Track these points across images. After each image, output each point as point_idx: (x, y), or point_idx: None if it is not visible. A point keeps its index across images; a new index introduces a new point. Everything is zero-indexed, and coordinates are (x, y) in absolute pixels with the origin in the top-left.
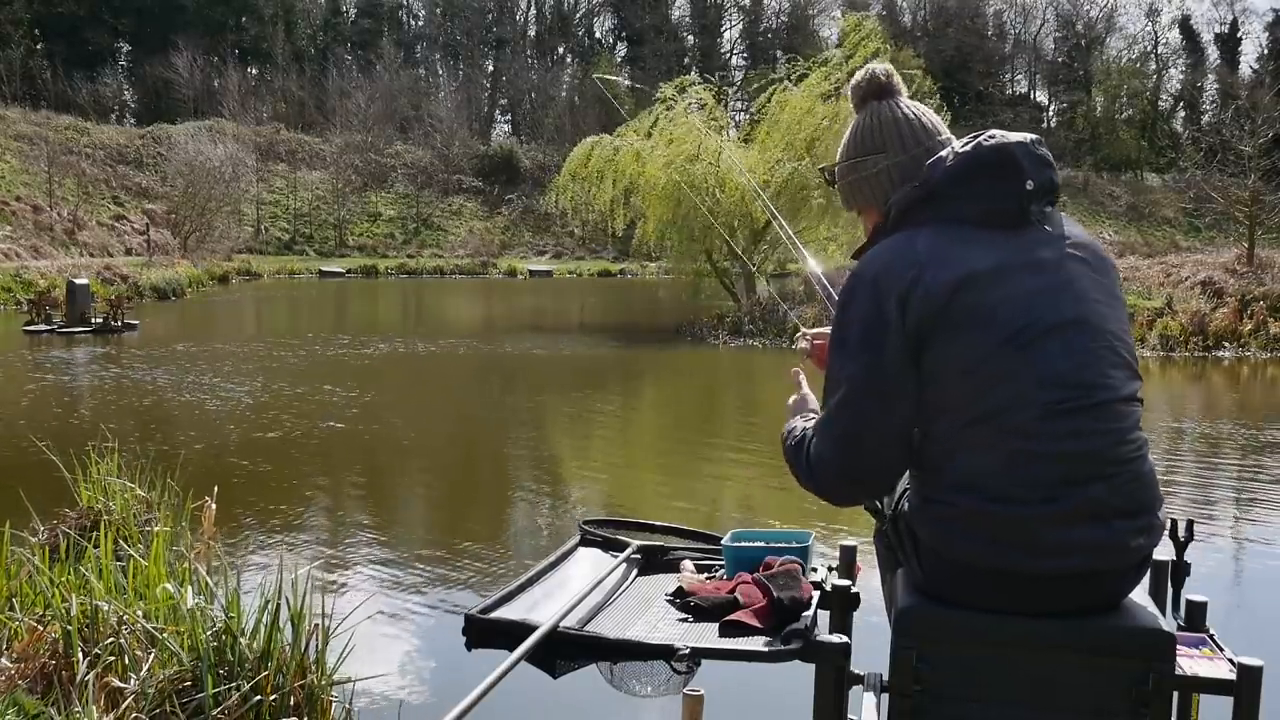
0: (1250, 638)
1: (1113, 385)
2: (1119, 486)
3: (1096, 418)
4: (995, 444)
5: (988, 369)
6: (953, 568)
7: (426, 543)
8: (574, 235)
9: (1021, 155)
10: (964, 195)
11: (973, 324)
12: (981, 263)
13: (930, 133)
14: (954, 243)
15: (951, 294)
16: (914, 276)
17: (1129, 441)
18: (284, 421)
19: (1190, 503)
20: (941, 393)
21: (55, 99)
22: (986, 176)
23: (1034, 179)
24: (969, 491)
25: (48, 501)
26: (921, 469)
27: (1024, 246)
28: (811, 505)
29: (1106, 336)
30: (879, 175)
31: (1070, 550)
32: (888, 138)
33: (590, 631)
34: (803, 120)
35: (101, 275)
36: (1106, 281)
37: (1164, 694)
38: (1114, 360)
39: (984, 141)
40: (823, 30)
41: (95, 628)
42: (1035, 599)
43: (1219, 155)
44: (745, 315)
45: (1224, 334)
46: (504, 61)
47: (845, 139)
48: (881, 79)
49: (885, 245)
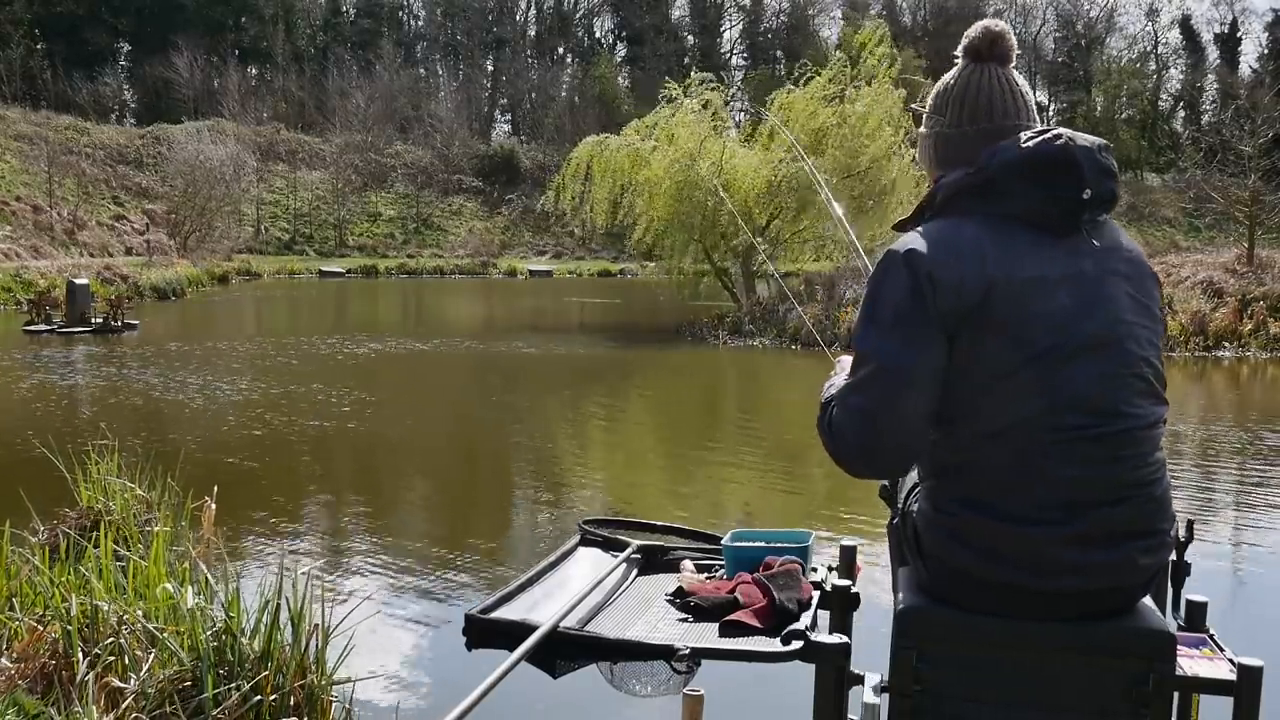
0: (1250, 638)
1: (1137, 414)
2: (1132, 510)
3: (1115, 445)
4: (1008, 461)
5: (1010, 384)
6: (955, 575)
7: (426, 542)
8: (574, 235)
9: (1085, 161)
10: (1018, 193)
11: (1001, 332)
12: (1022, 269)
13: (1001, 114)
14: (998, 242)
15: (985, 295)
16: (952, 267)
17: (1147, 466)
18: (284, 421)
19: (1191, 503)
20: (959, 398)
21: (55, 99)
22: (1045, 177)
23: (1093, 188)
24: (977, 507)
25: (48, 501)
26: (933, 475)
27: (1068, 257)
28: (812, 505)
29: (1137, 362)
30: (930, 139)
31: (1077, 570)
32: (950, 103)
33: (590, 631)
34: (806, 121)
35: (101, 275)
36: (1145, 299)
37: (1164, 694)
38: (1141, 387)
39: (1050, 140)
40: (823, 30)
41: (95, 628)
42: (1039, 609)
43: (1219, 155)
44: (745, 315)
45: (1224, 334)
46: (504, 61)
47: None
48: (983, 40)
49: (929, 229)
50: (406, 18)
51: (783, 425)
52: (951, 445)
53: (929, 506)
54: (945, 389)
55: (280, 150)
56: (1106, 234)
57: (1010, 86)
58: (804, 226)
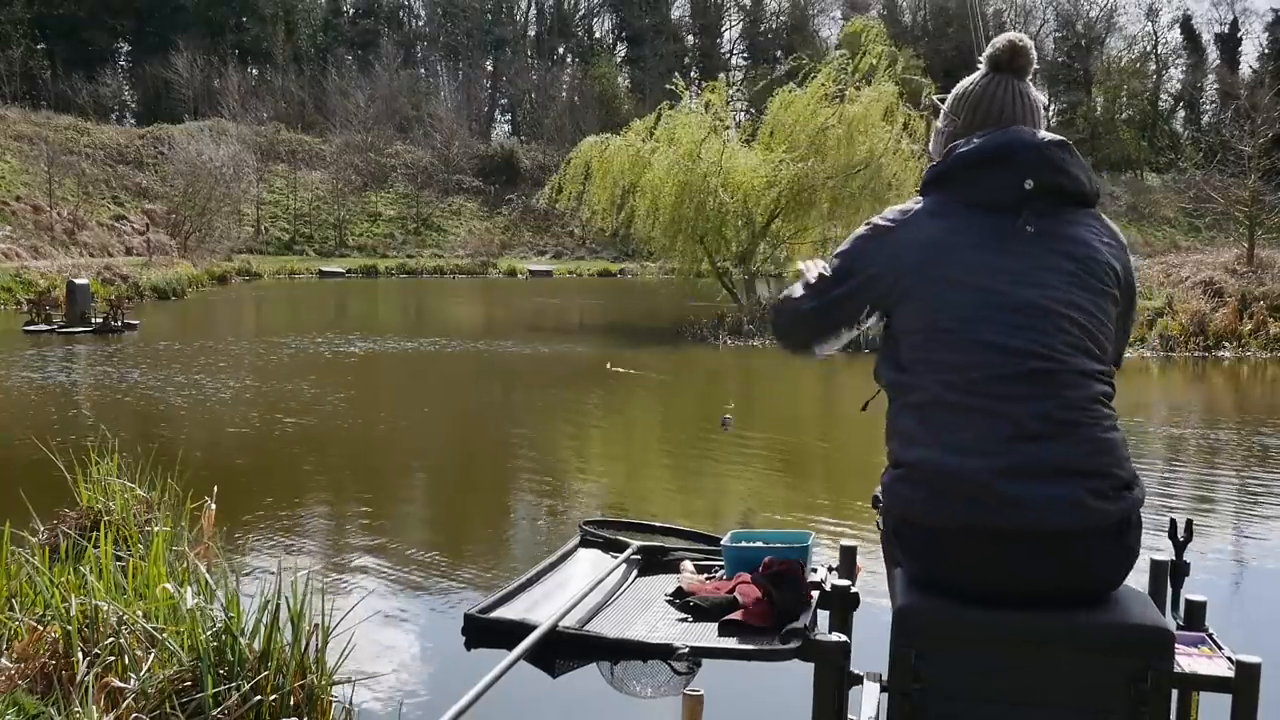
0: (1249, 636)
1: (1060, 358)
2: (1070, 447)
3: (1044, 384)
4: (949, 405)
5: (940, 336)
6: (925, 536)
7: (427, 542)
8: (574, 235)
9: (1024, 154)
10: (967, 181)
11: (932, 291)
12: (958, 238)
13: (1009, 123)
14: (943, 215)
15: (921, 255)
16: (897, 228)
17: (1081, 408)
18: (283, 421)
19: (1190, 502)
20: (901, 355)
21: (55, 99)
22: (986, 169)
23: (1035, 178)
24: (926, 448)
25: (48, 501)
26: (891, 438)
27: (1006, 235)
28: (812, 506)
29: (1063, 320)
30: (942, 135)
31: (1017, 504)
32: (965, 107)
33: (590, 631)
34: (807, 122)
35: (101, 275)
36: (1090, 278)
37: (1163, 691)
38: (1068, 339)
39: (997, 136)
40: (822, 30)
41: (95, 628)
42: (1011, 564)
43: (1219, 155)
44: (745, 315)
45: (1224, 334)
46: (504, 61)
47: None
48: (1004, 52)
49: (903, 206)
50: (406, 18)
51: (783, 425)
52: (902, 401)
53: (890, 470)
54: (893, 351)
55: (280, 150)
56: (1058, 225)
57: (1022, 100)
58: (803, 227)
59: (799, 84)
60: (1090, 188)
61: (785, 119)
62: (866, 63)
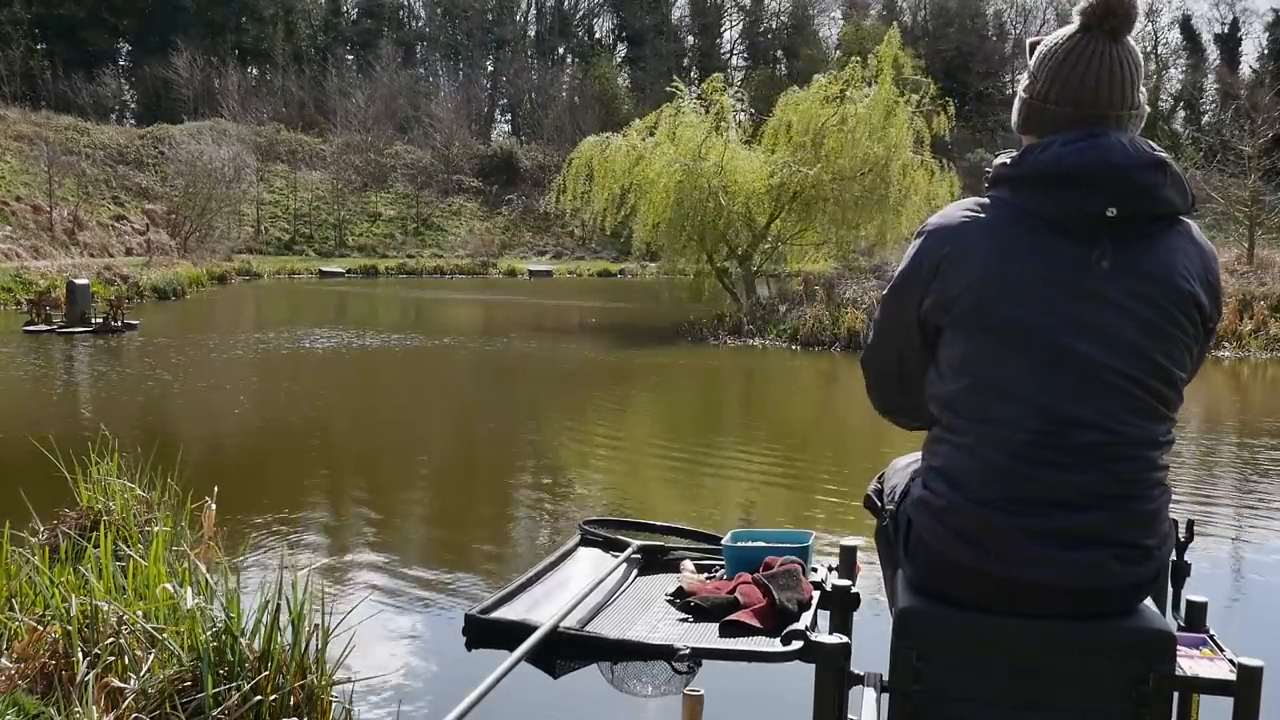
0: (1250, 638)
1: (1118, 428)
2: (1108, 518)
3: (1095, 457)
4: (986, 452)
5: (995, 380)
6: (940, 562)
7: (427, 542)
8: (574, 235)
9: (1109, 176)
10: (1039, 196)
11: (986, 328)
12: (1022, 267)
13: (1090, 102)
14: (1007, 234)
15: (979, 279)
16: (963, 244)
17: (1131, 482)
18: (283, 420)
19: (1191, 503)
20: (948, 385)
21: (55, 99)
22: (1063, 188)
23: (1119, 207)
24: (957, 489)
25: (48, 501)
26: (927, 455)
27: (1079, 269)
28: (812, 505)
29: (1127, 381)
30: (1021, 100)
31: (1036, 563)
32: (1045, 72)
33: (590, 631)
34: (810, 121)
35: (101, 275)
36: (1166, 324)
37: (1164, 694)
38: (1132, 403)
39: (1082, 149)
40: (822, 30)
41: (95, 628)
42: (1011, 601)
43: (1219, 155)
44: (745, 315)
45: (1224, 334)
46: (504, 61)
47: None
48: (1097, 8)
49: (964, 202)
50: (406, 18)
51: (783, 425)
52: (941, 429)
53: (921, 487)
54: (938, 376)
55: (280, 150)
56: (1138, 255)
57: (1113, 68)
58: (802, 229)
59: (800, 85)
60: (1184, 205)
61: (789, 119)
62: (874, 65)
